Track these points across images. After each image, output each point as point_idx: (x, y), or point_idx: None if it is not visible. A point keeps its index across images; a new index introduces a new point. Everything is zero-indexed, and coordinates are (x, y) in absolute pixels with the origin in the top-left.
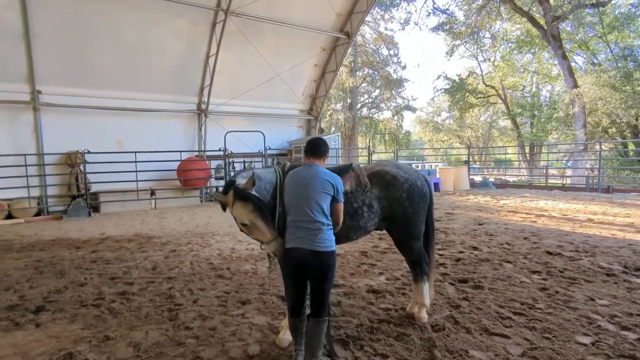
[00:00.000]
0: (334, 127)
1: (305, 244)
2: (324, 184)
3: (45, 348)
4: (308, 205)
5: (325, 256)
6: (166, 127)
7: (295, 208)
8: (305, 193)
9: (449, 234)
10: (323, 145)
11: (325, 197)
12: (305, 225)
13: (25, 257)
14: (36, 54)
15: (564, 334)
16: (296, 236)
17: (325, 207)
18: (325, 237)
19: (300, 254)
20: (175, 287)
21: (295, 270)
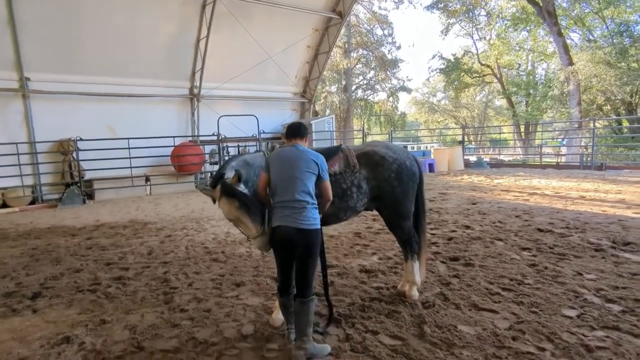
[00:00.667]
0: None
1: (291, 222)
2: (308, 164)
3: (43, 333)
4: (293, 186)
5: (309, 233)
6: (159, 113)
7: (281, 189)
8: (290, 174)
9: (442, 214)
10: (303, 127)
11: (310, 177)
12: (291, 205)
13: (21, 245)
14: (23, 40)
15: (551, 307)
16: (282, 214)
17: (311, 187)
18: (309, 215)
19: (285, 232)
20: (171, 271)
21: (281, 247)
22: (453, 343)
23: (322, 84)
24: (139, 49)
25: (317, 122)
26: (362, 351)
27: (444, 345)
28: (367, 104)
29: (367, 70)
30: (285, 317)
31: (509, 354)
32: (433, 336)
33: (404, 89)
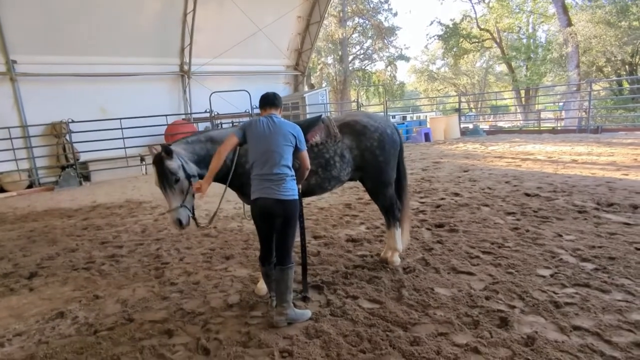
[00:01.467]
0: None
1: (270, 194)
2: (286, 137)
3: (39, 309)
4: (272, 160)
5: (287, 203)
6: (150, 91)
7: (259, 162)
8: (267, 147)
9: (433, 182)
10: (277, 97)
11: (288, 149)
12: (269, 177)
13: (19, 228)
14: (6, 22)
15: (526, 268)
16: (261, 187)
17: (289, 159)
18: (288, 186)
19: (265, 203)
20: (163, 247)
21: (260, 218)
22: (428, 304)
23: (318, 56)
24: (126, 27)
25: (310, 95)
26: (341, 315)
27: (420, 306)
28: (365, 74)
29: (364, 40)
30: (268, 286)
31: (480, 312)
32: (410, 299)
33: (402, 57)
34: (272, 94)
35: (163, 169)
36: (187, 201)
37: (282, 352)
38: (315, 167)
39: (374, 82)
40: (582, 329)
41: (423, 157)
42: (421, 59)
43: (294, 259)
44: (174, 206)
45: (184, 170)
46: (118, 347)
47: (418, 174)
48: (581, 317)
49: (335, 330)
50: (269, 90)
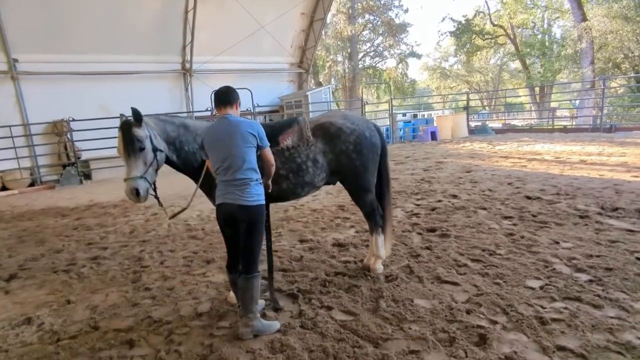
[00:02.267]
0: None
1: (233, 199)
2: (245, 137)
3: (8, 314)
4: (234, 165)
5: (251, 209)
6: (152, 90)
7: (222, 169)
8: (228, 152)
9: (433, 183)
10: (231, 92)
11: (249, 151)
12: (233, 183)
13: (12, 227)
14: (7, 20)
15: (515, 278)
16: (225, 192)
17: (252, 161)
18: (252, 191)
19: (228, 208)
20: (147, 249)
21: (224, 224)
22: (404, 318)
23: (327, 53)
24: (127, 25)
25: (313, 93)
26: (312, 327)
27: (395, 320)
28: (376, 71)
29: (375, 37)
30: (235, 295)
31: (459, 328)
32: (386, 311)
33: (414, 54)
34: (225, 89)
35: (130, 135)
36: (149, 174)
37: None
38: (287, 172)
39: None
40: (567, 349)
41: (426, 157)
42: (433, 56)
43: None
44: (132, 175)
45: (151, 142)
46: (75, 358)
47: (418, 175)
48: (567, 336)
49: (302, 344)
50: (272, 88)
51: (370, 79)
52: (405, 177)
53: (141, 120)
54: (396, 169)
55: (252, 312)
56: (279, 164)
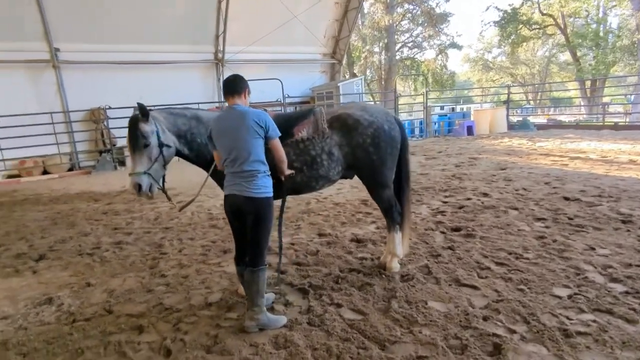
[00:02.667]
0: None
1: (240, 190)
2: (251, 129)
3: (32, 293)
4: (241, 157)
5: (258, 202)
6: (184, 79)
7: (229, 161)
8: (234, 144)
9: (464, 180)
10: (239, 80)
11: (256, 143)
12: (240, 175)
13: (49, 209)
14: (49, 11)
15: (541, 285)
16: (232, 183)
17: (260, 153)
18: (260, 183)
19: (234, 200)
20: (168, 237)
21: (231, 216)
22: (415, 320)
23: (363, 44)
24: (162, 15)
25: (344, 85)
26: (318, 325)
27: (406, 322)
28: (414, 63)
29: (414, 27)
30: (243, 287)
31: (472, 335)
32: (397, 312)
33: (454, 45)
34: (233, 77)
35: (135, 131)
36: (154, 170)
37: None
38: (300, 165)
39: (422, 71)
40: None
41: (460, 152)
42: (475, 47)
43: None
44: (136, 170)
45: (157, 137)
46: (86, 340)
47: (449, 171)
48: (593, 352)
49: (306, 342)
50: (303, 79)
51: (407, 70)
52: (435, 173)
53: (148, 115)
54: (427, 164)
55: (258, 305)
56: (292, 156)
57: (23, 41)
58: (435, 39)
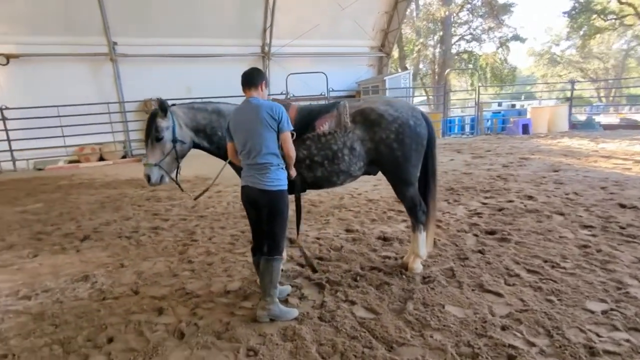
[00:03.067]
0: (423, 64)
1: (255, 183)
2: (263, 122)
3: (73, 270)
4: (254, 150)
5: (272, 194)
6: (231, 72)
7: (244, 154)
8: (248, 137)
9: (509, 181)
10: (256, 73)
11: (269, 136)
12: (255, 167)
13: (99, 193)
14: (108, 7)
15: (574, 298)
16: (248, 174)
17: (272, 147)
18: (273, 176)
19: (250, 192)
20: (201, 224)
21: (248, 206)
22: (428, 324)
23: (417, 36)
24: (212, 9)
25: (391, 79)
26: (329, 320)
27: (418, 325)
28: (471, 56)
29: (473, 19)
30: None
31: (486, 344)
32: (411, 314)
33: (517, 38)
34: (250, 70)
35: (150, 124)
36: (165, 162)
37: (248, 350)
38: (322, 159)
39: (480, 65)
40: None
41: (510, 152)
42: (541, 40)
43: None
44: (148, 162)
45: (172, 133)
46: (111, 318)
47: (495, 171)
48: None
49: (313, 336)
50: (350, 72)
51: (465, 64)
52: (479, 173)
53: (166, 111)
54: (472, 163)
55: (270, 295)
56: (314, 150)
57: (85, 36)
58: (496, 31)
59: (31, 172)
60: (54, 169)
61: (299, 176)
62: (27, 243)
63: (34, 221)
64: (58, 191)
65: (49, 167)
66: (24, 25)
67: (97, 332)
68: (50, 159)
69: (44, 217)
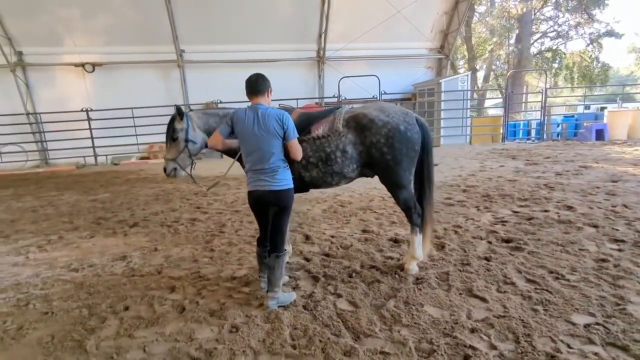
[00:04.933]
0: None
1: (263, 186)
2: (272, 130)
3: (116, 251)
4: (263, 158)
5: (280, 193)
6: (288, 77)
7: (251, 160)
8: (256, 146)
9: (555, 191)
10: (262, 80)
11: (277, 144)
12: (262, 171)
13: (157, 187)
14: (177, 17)
15: (562, 309)
16: (255, 179)
17: (280, 153)
18: (280, 177)
19: (258, 195)
20: (233, 218)
21: (256, 208)
22: (399, 320)
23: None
24: (270, 15)
25: (447, 81)
26: (311, 309)
27: (390, 320)
28: (556, 55)
29: (560, 14)
30: (260, 266)
31: (447, 343)
32: (389, 310)
33: (611, 34)
34: (255, 78)
35: (169, 125)
36: (180, 159)
37: (232, 327)
38: (316, 161)
39: (566, 65)
40: None
41: (572, 160)
42: None
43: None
44: (167, 157)
45: (185, 134)
46: (132, 291)
47: (545, 179)
48: None
49: (291, 321)
50: (405, 75)
51: (548, 63)
52: (525, 180)
53: (182, 115)
54: (522, 170)
55: (278, 286)
56: (309, 152)
57: (157, 45)
58: (585, 27)
59: (108, 166)
60: (127, 164)
61: (298, 175)
62: (88, 226)
63: (99, 208)
64: (125, 184)
65: (123, 162)
66: (107, 37)
67: (118, 301)
68: (125, 155)
69: (107, 205)
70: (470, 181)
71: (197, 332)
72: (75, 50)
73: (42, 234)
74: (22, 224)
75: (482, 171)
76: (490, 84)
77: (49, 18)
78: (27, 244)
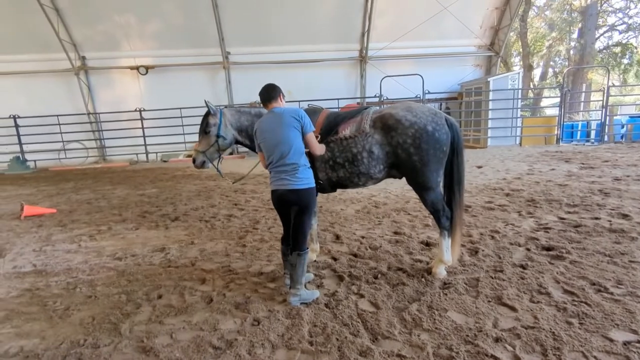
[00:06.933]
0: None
1: (284, 185)
2: (290, 124)
3: (156, 243)
4: (283, 151)
5: (301, 192)
6: (329, 76)
7: (273, 157)
8: (276, 141)
9: (610, 197)
10: (272, 89)
11: (295, 137)
12: (283, 169)
13: (200, 184)
14: (224, 21)
15: (599, 324)
16: (277, 179)
17: (299, 147)
18: (301, 176)
19: (280, 194)
20: (267, 216)
21: (279, 207)
22: (421, 324)
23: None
24: (313, 16)
25: (495, 80)
26: (333, 307)
27: (411, 324)
28: (626, 49)
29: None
30: (284, 263)
31: (467, 351)
32: (410, 313)
33: None
34: (266, 88)
35: (203, 119)
36: (209, 152)
37: (254, 320)
38: (343, 161)
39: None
40: None
41: (634, 164)
42: None
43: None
44: (197, 149)
45: (217, 129)
46: (166, 281)
47: (600, 184)
48: None
49: (312, 318)
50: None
51: (615, 59)
52: (577, 185)
53: (216, 112)
54: (576, 175)
55: (301, 283)
56: (336, 152)
57: (204, 48)
58: None
59: (158, 163)
60: (175, 162)
61: (325, 175)
62: (134, 219)
63: (145, 203)
64: (172, 180)
65: (171, 159)
66: (159, 41)
67: (153, 289)
68: (173, 153)
69: (153, 200)
70: (515, 185)
71: (221, 322)
72: (130, 54)
73: (94, 225)
74: (78, 214)
75: (530, 174)
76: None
77: (108, 25)
78: (80, 233)
